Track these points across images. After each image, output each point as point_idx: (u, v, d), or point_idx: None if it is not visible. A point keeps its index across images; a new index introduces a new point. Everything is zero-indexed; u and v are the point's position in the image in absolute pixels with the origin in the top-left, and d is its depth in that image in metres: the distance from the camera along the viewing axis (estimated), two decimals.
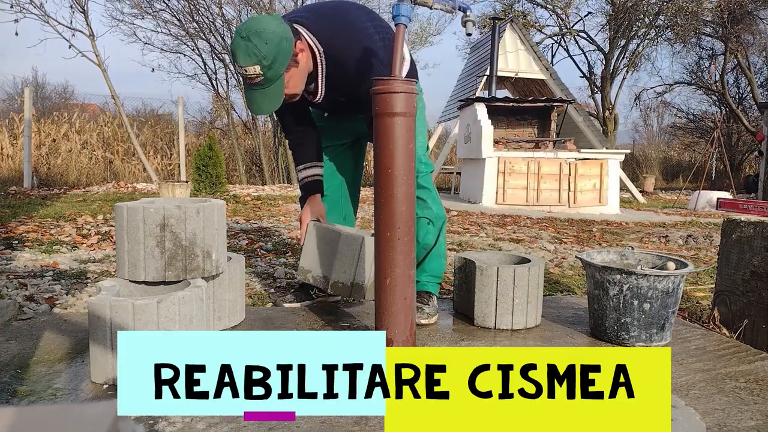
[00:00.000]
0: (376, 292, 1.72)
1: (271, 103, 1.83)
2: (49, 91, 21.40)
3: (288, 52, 1.77)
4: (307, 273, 2.20)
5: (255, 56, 1.71)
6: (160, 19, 12.62)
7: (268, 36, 1.71)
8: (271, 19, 1.76)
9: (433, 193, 2.25)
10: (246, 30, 1.72)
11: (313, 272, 2.18)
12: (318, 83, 1.98)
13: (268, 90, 1.80)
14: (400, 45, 1.65)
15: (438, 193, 2.30)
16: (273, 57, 1.73)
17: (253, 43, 1.70)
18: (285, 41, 1.75)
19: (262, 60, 1.72)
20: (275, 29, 1.73)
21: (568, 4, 18.08)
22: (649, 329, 1.91)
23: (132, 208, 1.71)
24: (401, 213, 1.65)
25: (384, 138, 1.63)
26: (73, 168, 11.25)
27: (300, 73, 1.88)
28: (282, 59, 1.76)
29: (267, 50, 1.71)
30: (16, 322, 2.03)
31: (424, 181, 2.22)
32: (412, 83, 1.63)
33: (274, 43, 1.72)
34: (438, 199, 2.28)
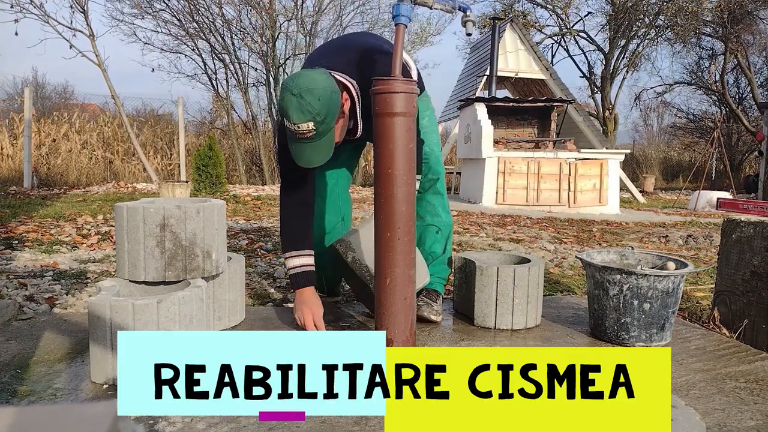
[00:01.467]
0: (376, 292, 1.72)
1: (321, 156, 1.80)
2: (49, 91, 21.41)
3: (338, 105, 1.76)
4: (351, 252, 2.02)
5: (309, 113, 1.69)
6: (160, 19, 12.62)
7: (319, 92, 1.69)
8: (319, 74, 1.74)
9: (444, 199, 2.25)
10: (297, 87, 1.69)
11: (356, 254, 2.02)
12: (357, 119, 1.96)
13: (319, 143, 1.77)
14: (401, 45, 1.65)
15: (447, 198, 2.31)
16: (326, 113, 1.72)
17: (306, 101, 1.68)
18: (335, 94, 1.74)
19: (315, 117, 1.70)
20: (325, 84, 1.72)
21: (568, 4, 18.09)
22: (649, 329, 1.91)
23: (132, 208, 1.71)
24: (401, 213, 1.65)
25: (384, 138, 1.63)
26: (73, 168, 11.25)
27: (345, 122, 1.88)
28: (333, 113, 1.75)
29: (320, 107, 1.70)
30: (16, 322, 2.03)
31: (441, 187, 2.23)
32: (412, 83, 1.63)
33: (326, 98, 1.71)
34: (447, 206, 2.28)
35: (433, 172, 2.22)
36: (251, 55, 13.25)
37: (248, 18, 12.98)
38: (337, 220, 2.38)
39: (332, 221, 2.36)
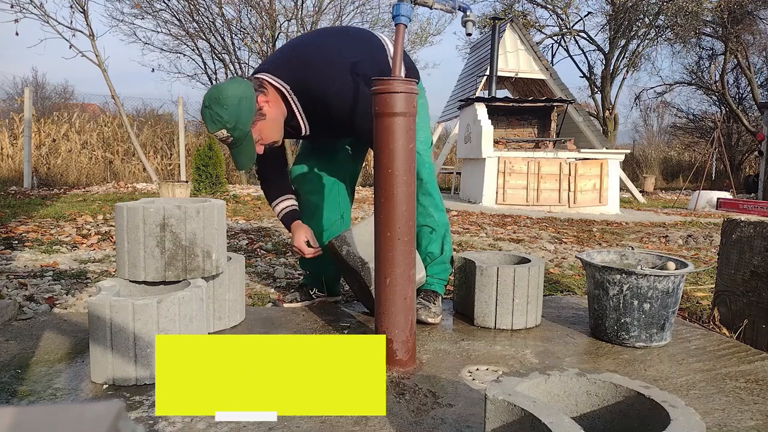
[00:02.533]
0: (376, 292, 1.72)
1: (248, 159, 1.92)
2: (49, 91, 21.43)
3: (249, 110, 1.85)
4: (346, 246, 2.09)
5: (218, 122, 1.81)
6: (160, 19, 12.63)
7: (225, 101, 1.80)
8: (229, 84, 1.85)
9: (435, 199, 2.22)
10: (207, 99, 1.83)
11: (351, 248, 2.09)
12: (298, 119, 2.03)
13: (242, 147, 1.89)
14: (401, 44, 1.65)
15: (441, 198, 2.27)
16: (235, 119, 1.82)
17: (214, 111, 1.81)
18: (243, 101, 1.83)
19: (225, 124, 1.82)
20: (232, 92, 1.82)
21: (568, 4, 18.08)
22: (649, 329, 1.91)
23: (132, 208, 1.71)
24: (401, 213, 1.65)
25: (384, 138, 1.63)
26: (73, 168, 11.25)
27: (270, 123, 1.93)
28: (244, 118, 1.84)
29: (227, 114, 1.81)
30: (16, 322, 2.03)
31: (430, 186, 2.20)
32: (412, 83, 1.63)
33: (233, 105, 1.81)
34: (441, 206, 2.24)
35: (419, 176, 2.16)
36: (251, 55, 13.26)
37: (248, 18, 12.99)
38: (336, 218, 2.38)
39: (331, 219, 2.36)
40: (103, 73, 10.90)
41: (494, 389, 1.03)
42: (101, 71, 10.87)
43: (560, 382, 1.11)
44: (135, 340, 1.51)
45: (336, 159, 2.36)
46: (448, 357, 1.80)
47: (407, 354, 1.70)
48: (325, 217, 2.35)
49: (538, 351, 1.88)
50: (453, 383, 1.59)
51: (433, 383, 1.59)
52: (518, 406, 0.97)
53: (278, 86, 1.94)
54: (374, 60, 1.98)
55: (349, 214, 2.47)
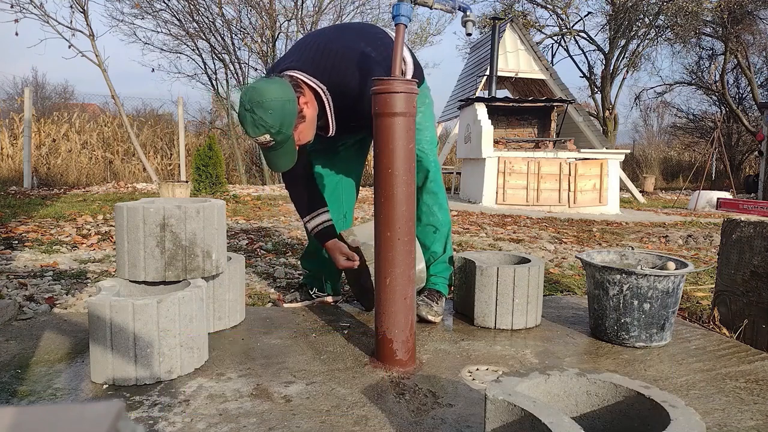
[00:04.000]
0: (376, 292, 1.72)
1: (287, 161, 1.86)
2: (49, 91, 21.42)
3: (293, 113, 1.78)
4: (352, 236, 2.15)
5: (262, 127, 1.74)
6: (160, 19, 12.63)
7: (270, 104, 1.73)
8: (270, 85, 1.76)
9: (440, 198, 2.21)
10: (249, 102, 1.74)
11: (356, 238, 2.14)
12: (328, 119, 1.98)
13: (281, 150, 1.83)
14: (401, 45, 1.65)
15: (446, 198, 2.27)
16: (279, 124, 1.75)
17: (258, 115, 1.73)
18: (288, 104, 1.76)
19: (270, 129, 1.75)
20: (276, 95, 1.74)
21: (568, 4, 18.08)
22: (649, 329, 1.91)
23: (132, 208, 1.71)
24: (401, 213, 1.65)
25: (384, 138, 1.63)
26: (73, 168, 11.25)
27: (308, 124, 1.89)
28: (288, 122, 1.78)
29: (272, 119, 1.74)
30: (16, 322, 2.03)
31: (434, 185, 2.19)
32: (412, 83, 1.63)
33: (278, 110, 1.74)
34: (445, 205, 2.24)
35: (424, 172, 2.18)
36: (251, 55, 13.27)
37: (248, 18, 12.99)
38: (339, 218, 2.38)
39: (333, 218, 2.37)
40: (103, 73, 10.90)
41: (494, 389, 1.03)
42: (101, 71, 10.88)
43: (560, 382, 1.11)
44: (135, 340, 1.51)
45: (339, 158, 2.36)
46: (448, 357, 1.80)
47: (407, 354, 1.70)
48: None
49: (538, 351, 1.88)
50: (453, 383, 1.59)
51: (433, 383, 1.59)
52: (518, 406, 0.97)
53: (314, 86, 1.89)
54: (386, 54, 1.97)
55: (352, 213, 2.47)
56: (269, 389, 1.52)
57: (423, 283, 2.20)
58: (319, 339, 1.94)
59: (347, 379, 1.60)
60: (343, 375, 1.63)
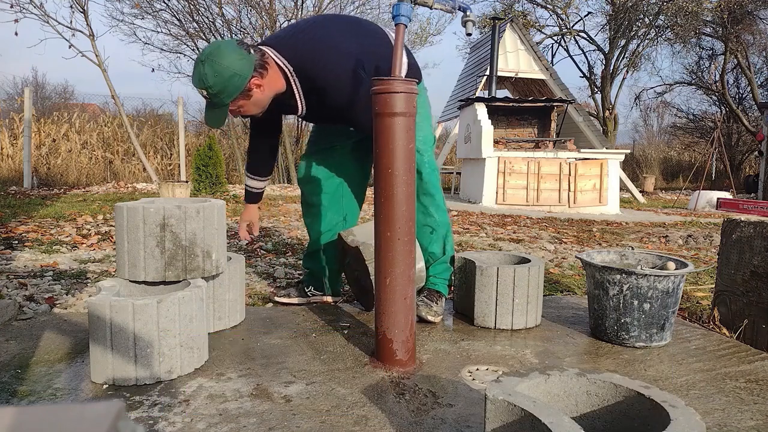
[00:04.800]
0: (376, 292, 1.72)
1: (215, 121, 1.93)
2: (49, 91, 21.42)
3: (236, 87, 1.83)
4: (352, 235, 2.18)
5: (203, 82, 1.81)
6: (160, 19, 12.62)
7: (220, 69, 1.78)
8: (232, 52, 1.81)
9: (436, 199, 2.20)
10: (206, 55, 1.80)
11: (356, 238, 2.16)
12: (297, 99, 2.03)
13: (213, 109, 1.90)
14: (401, 44, 1.65)
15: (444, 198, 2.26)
16: (219, 89, 1.81)
17: (205, 71, 1.79)
18: (236, 78, 1.81)
19: (208, 88, 1.81)
20: (230, 64, 1.79)
21: (568, 4, 18.08)
22: (649, 329, 1.91)
23: (132, 208, 1.71)
24: (401, 213, 1.65)
25: (384, 138, 1.63)
26: (73, 168, 11.25)
27: (253, 102, 1.94)
28: (228, 93, 1.83)
29: (214, 81, 1.80)
30: (16, 322, 2.03)
31: (430, 186, 2.18)
32: (412, 83, 1.63)
33: (223, 77, 1.79)
34: (442, 205, 2.23)
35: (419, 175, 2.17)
36: None
37: (248, 18, 12.98)
38: (338, 219, 2.37)
39: (333, 220, 2.36)
40: (103, 73, 10.90)
41: (494, 389, 1.03)
42: (101, 71, 10.87)
43: (560, 382, 1.11)
44: (135, 340, 1.51)
45: (337, 161, 2.35)
46: (448, 357, 1.80)
47: (407, 354, 1.70)
48: (327, 219, 2.35)
49: (538, 351, 1.88)
50: (453, 383, 1.59)
51: (433, 383, 1.59)
52: (518, 406, 0.97)
53: (281, 64, 1.94)
54: (378, 55, 1.98)
55: (355, 215, 2.45)
56: (269, 389, 1.52)
57: (422, 283, 2.20)
58: (319, 339, 1.94)
59: (347, 379, 1.60)
60: (343, 375, 1.63)
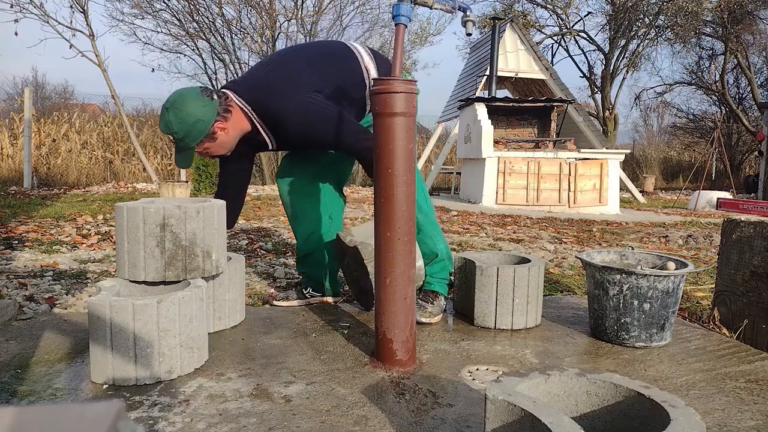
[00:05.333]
0: (376, 292, 1.72)
1: (183, 162, 2.02)
2: (49, 91, 21.42)
3: (201, 132, 1.93)
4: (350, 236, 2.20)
5: (168, 128, 1.93)
6: (160, 19, 12.62)
7: (183, 116, 1.89)
8: (195, 98, 1.91)
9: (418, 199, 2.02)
10: (171, 103, 1.91)
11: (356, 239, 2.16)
12: (264, 136, 2.10)
13: (182, 153, 2.00)
14: (401, 44, 1.65)
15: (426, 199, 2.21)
16: (184, 134, 1.92)
17: (169, 117, 1.91)
18: (199, 123, 1.92)
19: (173, 134, 1.93)
20: (193, 111, 1.90)
21: (568, 4, 18.07)
22: (649, 329, 1.91)
23: (132, 208, 1.71)
24: (401, 213, 1.65)
25: (384, 138, 1.63)
26: (73, 168, 11.25)
27: (218, 144, 2.02)
28: (193, 137, 1.94)
29: (179, 128, 1.91)
30: (16, 322, 2.03)
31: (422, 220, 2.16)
32: (412, 83, 1.63)
33: (187, 123, 1.90)
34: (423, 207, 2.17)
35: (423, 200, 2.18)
36: (251, 55, 13.25)
37: (248, 18, 12.99)
38: (325, 219, 2.40)
39: (319, 220, 2.38)
40: (103, 73, 10.90)
41: (494, 389, 1.03)
42: (101, 71, 10.87)
43: (560, 382, 1.11)
44: (135, 340, 1.51)
45: (320, 162, 2.36)
46: (448, 357, 1.80)
47: (407, 354, 1.70)
48: (313, 219, 2.35)
49: (538, 351, 1.88)
50: (453, 383, 1.59)
51: (433, 383, 1.59)
52: (518, 406, 0.97)
53: (242, 107, 2.03)
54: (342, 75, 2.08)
55: (340, 214, 2.45)
56: (269, 389, 1.52)
57: (421, 281, 2.20)
58: (319, 339, 1.94)
59: (347, 379, 1.60)
60: (343, 375, 1.63)
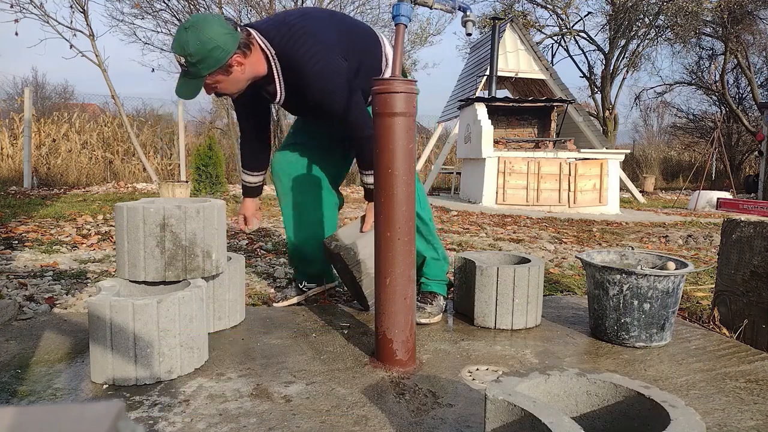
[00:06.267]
0: (376, 292, 1.72)
1: (187, 93, 1.87)
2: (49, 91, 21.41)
3: (217, 60, 1.80)
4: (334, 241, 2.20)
5: (183, 49, 1.76)
6: (160, 19, 12.62)
7: (203, 38, 1.75)
8: (218, 24, 1.79)
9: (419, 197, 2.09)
10: (192, 24, 1.77)
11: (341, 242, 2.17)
12: (276, 85, 2.01)
13: (189, 81, 1.86)
14: (401, 44, 1.65)
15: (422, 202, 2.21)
16: (199, 58, 1.77)
17: (188, 38, 1.75)
18: (218, 50, 1.78)
19: (188, 56, 1.77)
20: (214, 35, 1.76)
21: (568, 4, 18.07)
22: (649, 329, 1.91)
23: (132, 208, 1.71)
24: (401, 213, 1.65)
25: (384, 138, 1.63)
26: (73, 168, 11.24)
27: (232, 81, 1.91)
28: (208, 64, 1.80)
29: (195, 49, 1.76)
30: (16, 322, 2.03)
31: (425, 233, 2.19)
32: (412, 83, 1.63)
33: (206, 47, 1.76)
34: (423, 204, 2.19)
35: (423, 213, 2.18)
36: None
37: (248, 18, 12.98)
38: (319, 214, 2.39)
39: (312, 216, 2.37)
40: (103, 73, 10.89)
41: (494, 389, 1.03)
42: (101, 71, 10.87)
43: (560, 382, 1.11)
44: (135, 340, 1.51)
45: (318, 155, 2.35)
46: (448, 357, 1.80)
47: (407, 354, 1.70)
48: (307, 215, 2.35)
49: (538, 351, 1.88)
50: (453, 383, 1.59)
51: (433, 383, 1.58)
52: (518, 406, 0.97)
53: (265, 48, 1.93)
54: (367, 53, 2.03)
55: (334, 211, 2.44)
56: (269, 389, 1.52)
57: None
58: (319, 339, 1.94)
59: (347, 379, 1.60)
60: (343, 375, 1.63)
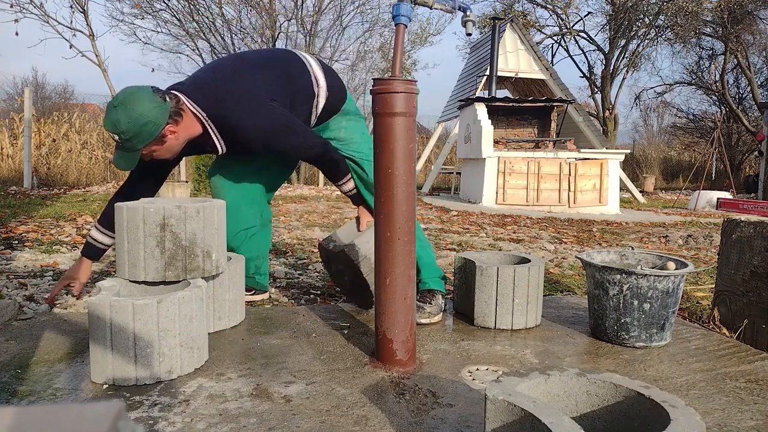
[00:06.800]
0: (376, 292, 1.72)
1: (125, 164, 1.88)
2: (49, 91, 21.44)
3: (150, 134, 1.82)
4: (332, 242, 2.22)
5: (115, 126, 1.78)
6: (160, 19, 12.63)
7: (134, 114, 1.77)
8: (147, 99, 1.79)
9: None
10: (120, 101, 1.79)
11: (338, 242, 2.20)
12: (214, 141, 2.02)
13: (125, 153, 1.87)
14: (401, 44, 1.65)
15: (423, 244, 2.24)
16: (131, 135, 1.79)
17: (118, 115, 1.77)
18: (149, 125, 1.80)
19: (120, 133, 1.79)
20: (144, 111, 1.78)
21: (568, 4, 18.07)
22: (649, 329, 1.91)
23: (132, 208, 1.71)
24: (401, 213, 1.65)
25: (384, 138, 1.63)
26: (73, 168, 11.24)
27: (167, 148, 1.93)
28: (142, 138, 1.81)
29: (127, 127, 1.77)
30: (16, 322, 2.03)
31: None
32: (412, 83, 1.63)
33: (138, 123, 1.77)
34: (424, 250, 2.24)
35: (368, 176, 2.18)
36: None
37: (248, 18, 12.99)
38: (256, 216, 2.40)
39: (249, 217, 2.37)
40: (103, 73, 10.91)
41: (494, 389, 1.03)
42: (101, 71, 10.88)
43: (560, 382, 1.11)
44: (135, 340, 1.51)
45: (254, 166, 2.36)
46: (448, 357, 1.80)
47: (407, 354, 1.70)
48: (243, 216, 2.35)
49: (538, 351, 1.88)
50: (453, 383, 1.59)
51: (433, 383, 1.58)
52: (518, 406, 0.97)
53: (195, 112, 1.94)
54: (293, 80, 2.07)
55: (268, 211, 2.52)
56: (269, 389, 1.52)
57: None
58: (319, 339, 1.94)
59: (347, 379, 1.60)
60: (343, 375, 1.63)
